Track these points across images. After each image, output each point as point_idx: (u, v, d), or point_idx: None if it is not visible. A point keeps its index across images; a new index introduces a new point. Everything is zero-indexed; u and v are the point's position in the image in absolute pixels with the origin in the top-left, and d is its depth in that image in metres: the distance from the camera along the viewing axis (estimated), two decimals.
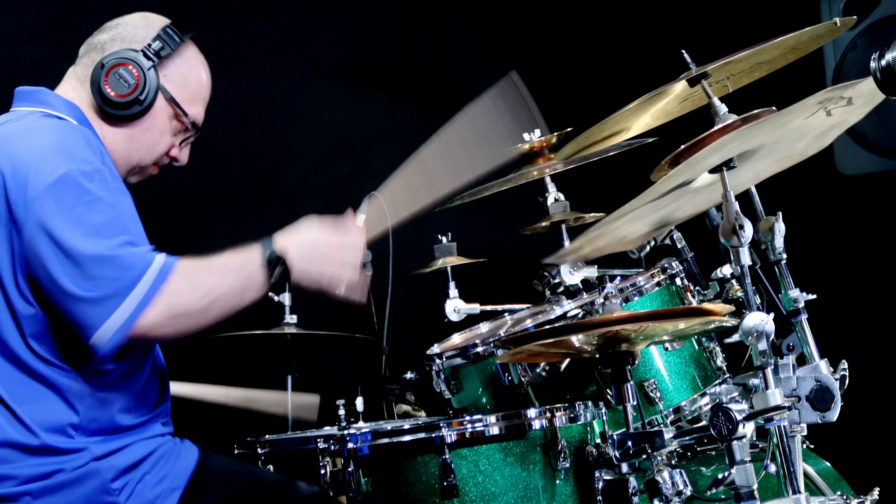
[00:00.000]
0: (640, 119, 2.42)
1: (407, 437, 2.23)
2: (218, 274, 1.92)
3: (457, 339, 2.97)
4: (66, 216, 1.83)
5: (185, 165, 2.26)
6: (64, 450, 1.89)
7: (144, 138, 2.12)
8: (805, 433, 2.01)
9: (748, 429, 1.89)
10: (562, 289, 2.74)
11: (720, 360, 2.62)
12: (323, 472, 2.34)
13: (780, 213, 2.12)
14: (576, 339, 2.14)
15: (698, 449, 2.67)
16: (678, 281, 2.63)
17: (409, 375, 3.18)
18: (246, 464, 2.45)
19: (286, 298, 3.41)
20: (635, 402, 2.20)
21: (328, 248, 2.02)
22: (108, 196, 1.89)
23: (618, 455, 2.13)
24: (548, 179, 2.90)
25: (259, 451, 2.54)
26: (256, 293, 1.96)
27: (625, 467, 2.15)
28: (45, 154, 1.89)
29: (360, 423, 2.79)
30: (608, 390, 2.52)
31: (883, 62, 1.74)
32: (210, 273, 1.91)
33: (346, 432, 2.36)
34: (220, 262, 1.94)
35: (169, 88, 2.12)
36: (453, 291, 2.89)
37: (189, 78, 2.16)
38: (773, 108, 1.89)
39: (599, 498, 2.23)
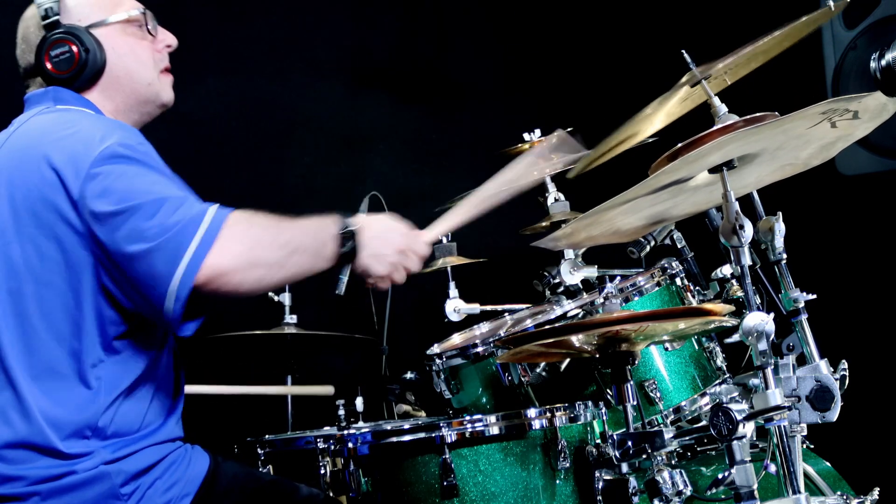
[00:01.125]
0: (647, 125, 2.41)
1: (407, 437, 2.23)
2: (298, 228, 1.94)
3: (457, 339, 2.97)
4: (113, 186, 1.83)
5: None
6: (76, 454, 1.87)
7: (126, 67, 2.08)
8: (805, 433, 2.01)
9: (748, 429, 1.89)
10: (562, 289, 2.74)
11: (720, 360, 2.62)
12: (323, 472, 2.33)
13: (780, 213, 2.12)
14: (576, 339, 2.14)
15: (698, 449, 2.67)
16: (678, 281, 2.63)
17: (409, 375, 3.18)
18: (256, 470, 2.45)
19: (286, 298, 3.42)
20: (635, 402, 2.20)
21: (398, 244, 2.06)
22: (152, 162, 1.90)
23: (618, 455, 2.13)
24: (548, 179, 2.90)
25: (259, 451, 2.53)
26: (325, 263, 1.97)
27: (625, 467, 2.15)
28: (82, 142, 1.89)
29: (360, 423, 2.79)
30: (608, 390, 2.52)
31: (883, 62, 1.74)
32: (289, 226, 1.93)
33: (346, 432, 2.36)
34: (297, 221, 1.95)
35: (94, 20, 2.07)
36: (453, 291, 2.89)
37: None
38: (776, 112, 1.89)
39: (599, 498, 2.23)
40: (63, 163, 1.87)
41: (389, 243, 2.05)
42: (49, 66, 2.03)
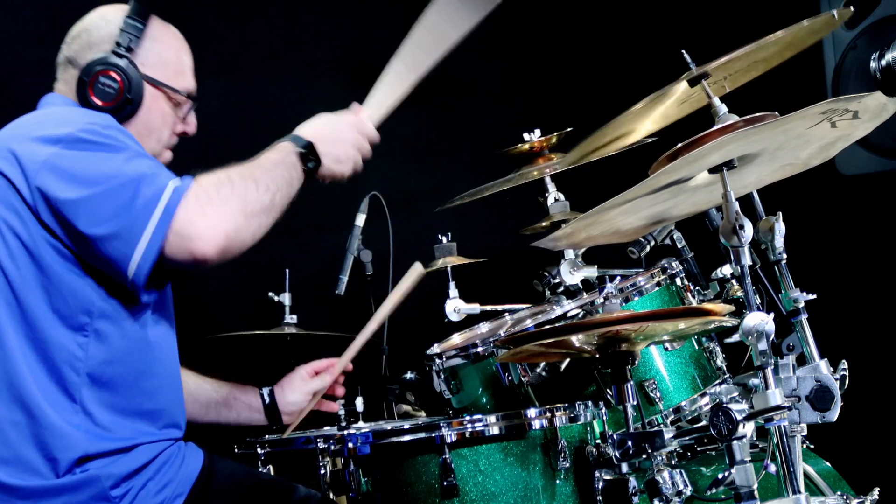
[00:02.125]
0: (643, 123, 2.41)
1: (407, 437, 2.23)
2: (267, 170, 1.98)
3: (457, 339, 2.97)
4: (73, 172, 1.85)
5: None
6: (62, 433, 1.85)
7: (149, 128, 2.13)
8: (805, 433, 2.01)
9: (748, 429, 1.89)
10: (562, 289, 2.74)
11: (720, 360, 2.62)
12: (323, 472, 2.33)
13: (780, 213, 2.12)
14: (576, 339, 2.14)
15: (698, 449, 2.67)
16: (678, 281, 2.63)
17: (409, 375, 3.18)
18: (252, 469, 2.44)
19: (286, 298, 3.42)
20: (635, 402, 2.20)
21: (350, 138, 2.16)
22: (114, 142, 1.90)
23: (618, 455, 2.13)
24: (548, 179, 2.90)
25: (259, 451, 2.53)
26: (298, 185, 2.04)
27: (625, 467, 2.15)
28: (48, 127, 1.92)
29: (360, 423, 2.79)
30: (608, 390, 2.52)
31: (883, 62, 1.75)
32: (259, 169, 1.97)
33: (346, 432, 2.36)
34: (260, 162, 2.00)
35: (151, 74, 2.12)
36: (453, 291, 2.89)
37: (165, 55, 2.16)
38: (776, 112, 1.89)
39: (599, 498, 2.23)
40: (23, 148, 1.89)
41: (343, 141, 2.15)
42: (90, 88, 2.06)
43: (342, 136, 2.15)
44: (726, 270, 2.55)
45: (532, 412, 2.26)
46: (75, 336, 1.89)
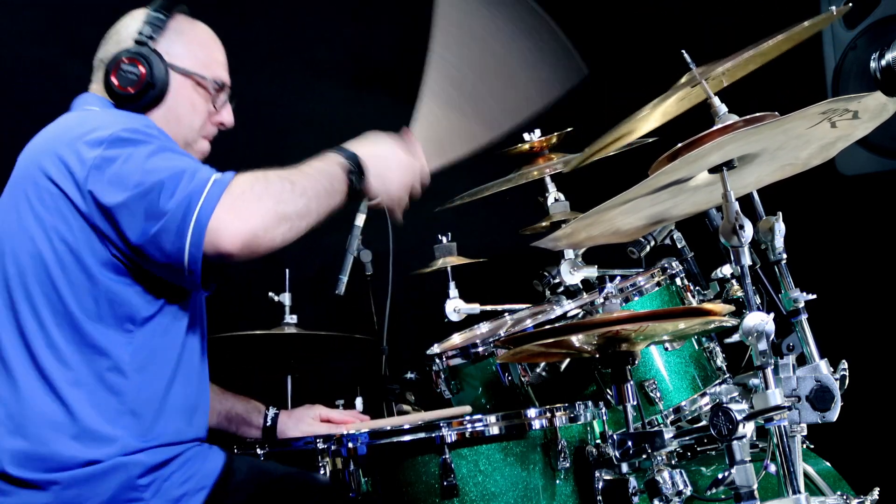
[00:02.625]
0: (643, 122, 2.42)
1: (407, 437, 2.23)
2: (308, 175, 1.97)
3: (457, 339, 2.97)
4: (118, 173, 1.89)
5: None
6: (105, 436, 1.90)
7: (178, 115, 2.16)
8: (805, 433, 2.01)
9: (748, 429, 1.89)
10: (562, 289, 2.74)
11: (720, 360, 2.62)
12: (323, 472, 2.33)
13: (780, 213, 2.12)
14: (576, 339, 2.14)
15: (698, 449, 2.67)
16: (678, 281, 2.63)
17: (409, 375, 3.18)
18: (271, 463, 2.45)
19: (286, 298, 3.41)
20: (635, 402, 2.20)
21: (398, 164, 2.10)
22: (153, 140, 1.94)
23: (618, 455, 2.13)
24: (548, 179, 2.90)
25: (259, 451, 2.53)
26: (340, 199, 2.02)
27: (625, 467, 2.15)
28: (89, 131, 1.96)
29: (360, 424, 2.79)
30: (608, 390, 2.52)
31: (883, 62, 1.74)
32: (299, 174, 1.97)
33: (346, 432, 2.36)
34: (303, 168, 1.99)
35: (177, 63, 2.16)
36: (453, 291, 2.89)
37: (192, 46, 2.21)
38: (776, 112, 1.89)
39: (599, 498, 2.23)
40: (69, 152, 1.93)
41: (390, 168, 2.09)
42: (114, 77, 2.10)
43: (393, 156, 2.10)
44: (726, 270, 2.55)
45: (532, 412, 2.26)
46: (120, 341, 1.94)
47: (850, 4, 2.36)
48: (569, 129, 2.91)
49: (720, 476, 1.92)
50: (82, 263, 1.92)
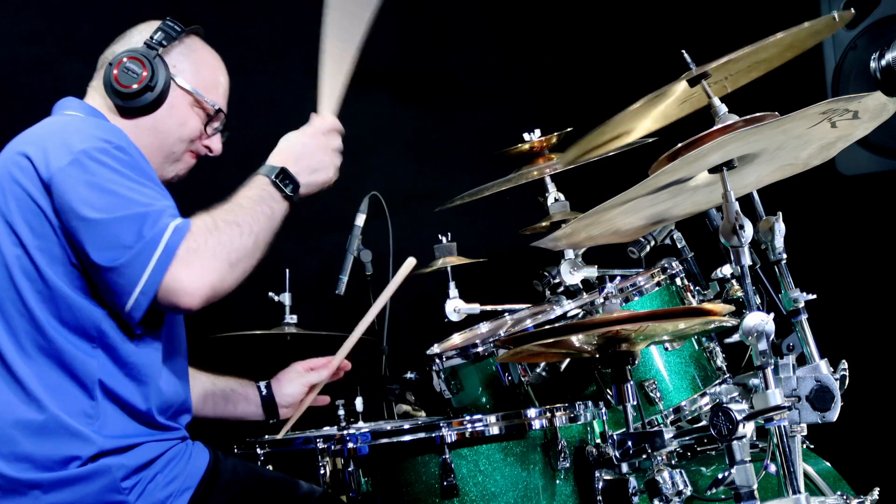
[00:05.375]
0: (642, 122, 2.42)
1: (407, 437, 2.23)
2: (248, 210, 1.98)
3: (457, 339, 2.96)
4: (83, 190, 1.88)
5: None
6: (78, 433, 1.89)
7: (168, 124, 2.17)
8: (805, 433, 2.01)
9: (748, 429, 1.89)
10: (562, 289, 2.74)
11: (720, 360, 2.62)
12: (322, 472, 2.34)
13: (780, 213, 2.12)
14: (576, 339, 2.14)
15: (698, 449, 2.67)
16: (678, 281, 2.63)
17: (409, 375, 3.18)
18: (256, 466, 2.46)
19: (286, 298, 3.42)
20: (635, 402, 2.20)
21: (313, 142, 2.14)
22: (124, 168, 1.93)
23: (618, 455, 2.13)
24: (548, 179, 2.90)
25: (259, 451, 2.53)
26: (282, 213, 2.04)
27: (625, 467, 2.15)
28: (61, 138, 1.95)
29: (360, 423, 2.79)
30: (608, 390, 2.52)
31: (883, 62, 1.74)
32: (240, 211, 1.97)
33: (345, 432, 2.36)
34: (239, 202, 2.00)
35: (181, 77, 2.18)
36: (453, 291, 2.89)
37: (200, 66, 2.23)
38: (776, 112, 1.89)
39: (599, 498, 2.23)
40: (37, 152, 1.92)
41: (312, 150, 2.13)
42: (116, 71, 2.12)
43: (309, 146, 2.13)
44: (726, 270, 2.55)
45: (532, 412, 2.26)
46: (86, 346, 1.93)
47: (853, 11, 2.36)
48: (569, 129, 2.91)
49: (720, 476, 1.92)
50: (43, 270, 1.90)
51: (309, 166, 2.10)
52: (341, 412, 2.64)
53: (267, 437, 2.60)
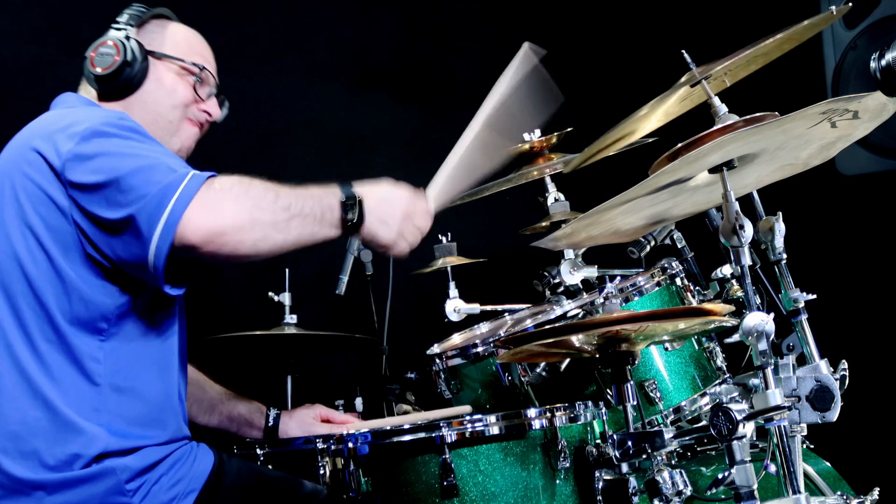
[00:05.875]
0: (645, 122, 2.42)
1: (407, 437, 2.23)
2: (298, 194, 1.94)
3: (457, 339, 2.97)
4: (94, 161, 1.88)
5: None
6: (83, 430, 1.89)
7: (157, 95, 2.17)
8: (805, 433, 2.01)
9: (748, 429, 1.89)
10: (562, 289, 2.74)
11: (720, 360, 2.62)
12: (322, 472, 2.33)
13: (780, 213, 2.12)
14: (576, 339, 2.14)
15: (698, 449, 2.67)
16: (678, 281, 2.63)
17: (409, 375, 3.18)
18: (261, 466, 2.46)
19: (286, 298, 3.41)
20: (635, 402, 2.20)
21: (403, 208, 2.06)
22: (133, 134, 1.94)
23: (618, 455, 2.13)
24: (548, 179, 2.90)
25: (258, 451, 2.53)
26: (331, 231, 1.97)
27: (625, 467, 2.15)
28: (67, 124, 1.96)
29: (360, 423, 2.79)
30: (608, 390, 2.52)
31: (883, 62, 1.74)
32: (289, 191, 1.93)
33: (346, 432, 2.36)
34: (297, 188, 1.96)
35: (157, 49, 2.19)
36: (453, 291, 2.89)
37: (175, 36, 2.24)
38: (776, 112, 1.89)
39: (599, 498, 2.23)
40: (46, 145, 1.93)
41: (395, 206, 2.05)
42: (92, 61, 2.13)
43: (395, 199, 2.07)
44: (726, 270, 2.55)
45: (532, 412, 2.26)
46: (94, 341, 1.93)
47: (850, 4, 2.36)
48: (569, 129, 2.91)
49: (720, 476, 1.92)
50: (56, 262, 1.91)
51: (382, 215, 2.03)
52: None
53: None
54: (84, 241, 1.91)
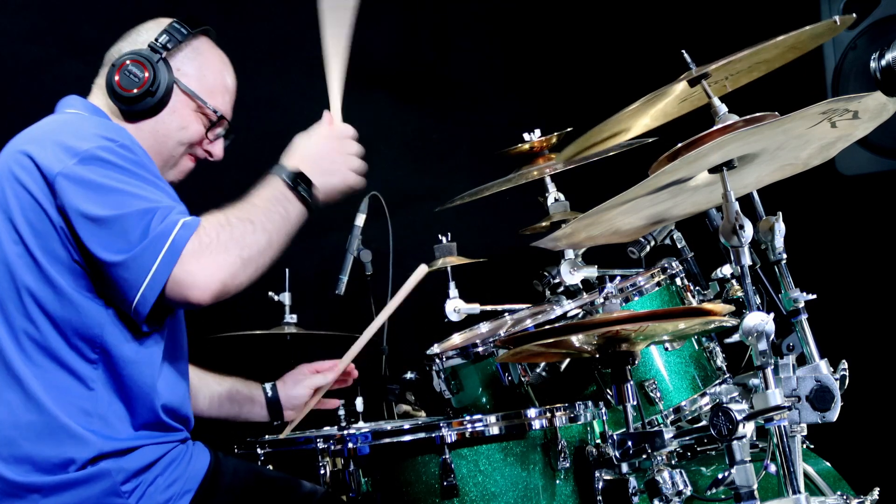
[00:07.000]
0: (641, 120, 2.42)
1: (407, 437, 2.23)
2: (261, 209, 1.97)
3: (457, 339, 2.96)
4: (89, 190, 1.87)
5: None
6: (77, 435, 1.88)
7: (168, 128, 2.16)
8: (805, 433, 2.01)
9: (748, 429, 1.89)
10: (562, 289, 2.74)
11: (720, 360, 2.62)
12: (322, 472, 2.33)
13: (780, 213, 2.12)
14: (576, 339, 2.14)
15: (698, 449, 2.67)
16: (678, 281, 2.62)
17: (409, 375, 3.18)
18: (258, 466, 2.46)
19: (286, 298, 3.42)
20: (635, 402, 2.20)
21: (331, 148, 2.12)
22: (131, 166, 1.92)
23: (618, 455, 2.13)
24: (548, 179, 2.90)
25: (259, 451, 2.53)
26: (299, 217, 2.03)
27: (625, 467, 2.15)
28: (65, 137, 1.94)
29: (360, 423, 2.79)
30: (608, 390, 2.52)
31: (883, 62, 1.74)
32: (254, 209, 1.96)
33: (346, 432, 2.36)
34: (253, 202, 1.99)
35: (184, 81, 2.17)
36: (453, 291, 2.89)
37: (205, 70, 2.21)
38: (776, 112, 1.89)
39: (599, 498, 2.23)
40: (41, 152, 1.91)
41: (327, 153, 2.11)
42: (117, 75, 2.11)
43: (323, 149, 2.12)
44: (726, 270, 2.55)
45: (532, 412, 2.26)
46: (88, 345, 1.92)
47: (854, 15, 2.36)
48: (569, 129, 2.91)
49: (720, 476, 1.92)
50: (45, 268, 1.90)
51: (323, 169, 2.08)
52: (341, 412, 2.65)
53: (267, 437, 2.60)
54: (73, 251, 1.90)
